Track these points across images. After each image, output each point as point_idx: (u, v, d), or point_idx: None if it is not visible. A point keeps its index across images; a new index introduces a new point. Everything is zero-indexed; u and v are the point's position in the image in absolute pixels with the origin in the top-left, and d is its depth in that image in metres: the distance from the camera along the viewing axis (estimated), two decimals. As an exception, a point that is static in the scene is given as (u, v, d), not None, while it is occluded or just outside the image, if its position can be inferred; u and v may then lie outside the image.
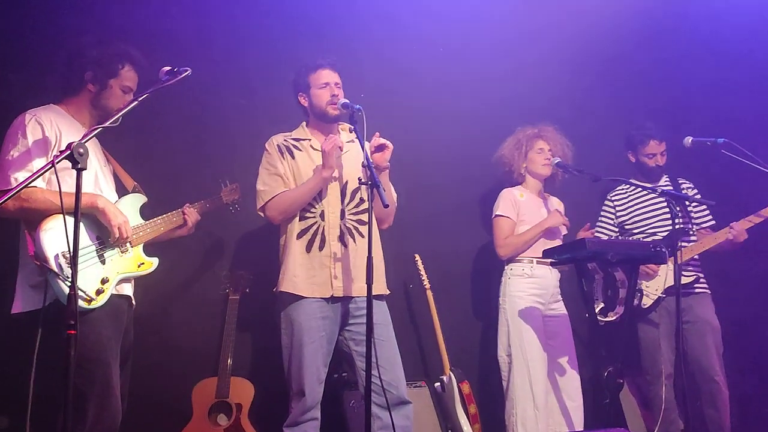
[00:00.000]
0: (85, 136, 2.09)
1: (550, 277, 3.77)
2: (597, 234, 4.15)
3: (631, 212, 4.08)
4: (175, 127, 3.59)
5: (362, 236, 3.15)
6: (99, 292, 2.51)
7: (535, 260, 3.74)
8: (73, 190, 2.09)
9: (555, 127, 3.94)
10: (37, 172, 1.99)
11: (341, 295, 3.07)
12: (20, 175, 2.46)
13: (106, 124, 2.20)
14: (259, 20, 3.89)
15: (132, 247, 2.72)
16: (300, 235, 3.11)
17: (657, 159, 4.07)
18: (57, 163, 1.94)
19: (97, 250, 2.58)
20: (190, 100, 3.53)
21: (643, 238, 3.95)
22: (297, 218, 3.13)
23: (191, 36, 3.66)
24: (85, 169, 2.02)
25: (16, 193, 1.95)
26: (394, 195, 3.30)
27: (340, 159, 3.15)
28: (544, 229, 3.75)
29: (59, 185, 2.03)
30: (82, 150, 1.99)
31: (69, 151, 1.97)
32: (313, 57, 3.27)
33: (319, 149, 3.19)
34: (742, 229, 3.75)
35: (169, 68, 2.47)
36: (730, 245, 3.80)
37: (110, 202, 2.66)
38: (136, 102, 2.29)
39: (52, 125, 2.57)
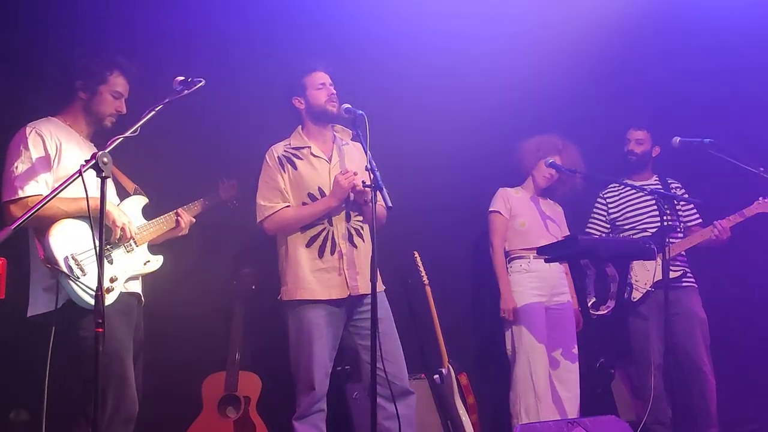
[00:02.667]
0: (107, 146, 2.20)
1: (549, 270, 3.88)
2: (589, 230, 4.27)
3: (623, 209, 4.19)
4: (173, 127, 3.54)
5: (366, 235, 3.26)
6: (108, 291, 2.61)
7: (531, 256, 3.87)
8: (78, 195, 2.20)
9: (578, 149, 4.05)
10: (64, 181, 2.10)
11: (355, 294, 3.16)
12: (26, 185, 2.56)
13: (127, 134, 2.30)
14: (259, 22, 3.92)
15: (137, 246, 2.82)
16: (310, 243, 3.18)
17: (632, 145, 4.19)
18: (84, 171, 2.06)
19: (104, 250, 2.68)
20: (189, 101, 3.56)
21: (634, 234, 4.06)
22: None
23: (193, 38, 3.70)
24: (109, 177, 2.14)
25: (44, 204, 2.06)
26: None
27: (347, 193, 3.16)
28: (503, 295, 3.85)
29: (86, 191, 2.13)
30: (106, 159, 2.10)
31: (94, 160, 2.08)
32: (305, 60, 3.32)
33: (320, 156, 3.27)
34: (725, 227, 3.86)
35: (182, 78, 2.54)
36: (715, 242, 3.91)
37: (114, 204, 2.76)
38: (153, 113, 2.38)
39: (52, 137, 2.66)
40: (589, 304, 3.74)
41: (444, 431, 3.85)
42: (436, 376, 3.93)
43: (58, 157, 2.65)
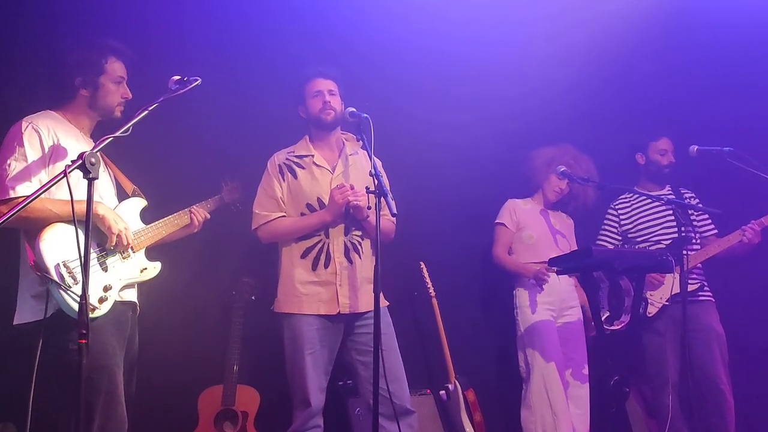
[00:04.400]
0: (96, 146, 2.09)
1: (558, 283, 3.80)
2: (600, 242, 4.17)
3: (635, 221, 4.09)
4: (174, 129, 3.55)
5: (365, 252, 3.18)
6: (102, 300, 2.49)
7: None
8: (75, 198, 2.07)
9: (592, 161, 3.98)
10: (48, 182, 2.00)
11: (347, 312, 3.10)
12: (18, 185, 2.43)
13: (117, 134, 2.20)
14: (262, 25, 3.89)
15: (134, 252, 2.69)
16: (305, 255, 3.13)
17: (669, 156, 4.08)
18: (69, 172, 1.95)
19: (98, 257, 2.55)
20: (189, 102, 3.50)
21: (647, 246, 3.96)
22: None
23: (194, 39, 3.67)
24: (97, 178, 2.02)
25: (26, 204, 1.95)
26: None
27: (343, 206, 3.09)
28: (526, 273, 3.78)
29: (71, 194, 2.02)
30: (93, 160, 2.00)
31: (81, 161, 1.97)
32: (306, 68, 3.31)
33: (324, 165, 3.24)
34: (756, 230, 3.72)
35: (178, 77, 2.47)
36: (742, 249, 3.79)
37: (110, 208, 2.64)
38: (146, 112, 2.29)
39: (50, 133, 2.54)
40: (603, 319, 3.62)
41: (450, 449, 3.77)
42: (443, 392, 3.85)
43: (55, 155, 2.52)
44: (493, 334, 4.13)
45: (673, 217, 3.92)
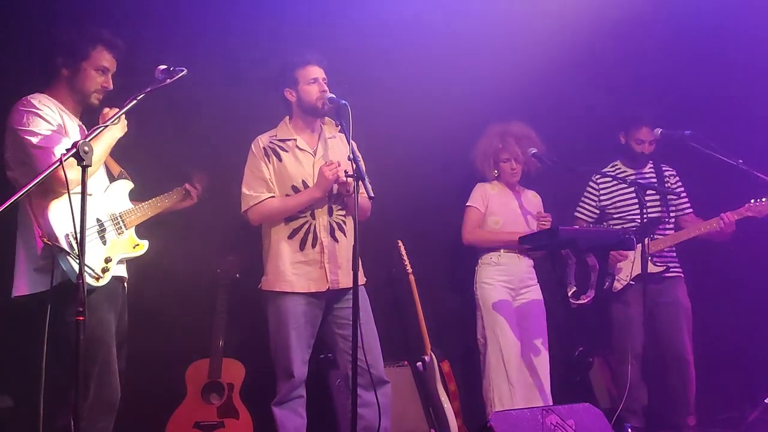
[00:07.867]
0: (88, 134, 2.22)
1: (518, 264, 3.95)
2: (577, 215, 4.27)
3: (614, 198, 4.16)
4: (159, 114, 3.55)
5: (348, 230, 3.29)
6: (104, 271, 2.63)
7: (502, 249, 3.95)
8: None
9: (519, 126, 4.01)
10: (45, 170, 2.11)
11: (336, 288, 3.21)
12: (58, 148, 2.48)
13: (107, 123, 2.32)
14: (248, 11, 3.92)
15: (126, 229, 2.83)
16: (292, 235, 3.22)
17: (644, 147, 4.09)
18: (65, 160, 2.07)
19: (99, 230, 2.68)
20: (175, 87, 3.51)
21: (622, 224, 4.03)
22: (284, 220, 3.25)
23: (180, 26, 3.71)
24: (90, 165, 2.14)
25: (31, 188, 2.05)
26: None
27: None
28: (512, 240, 3.88)
29: (66, 183, 2.14)
30: (87, 148, 2.11)
31: (75, 149, 2.10)
32: (299, 52, 3.32)
33: (306, 149, 3.30)
34: (731, 220, 3.76)
35: (164, 67, 2.52)
36: (718, 236, 3.86)
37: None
38: (134, 101, 2.36)
39: (54, 107, 2.65)
40: (570, 294, 3.79)
41: (426, 418, 3.91)
42: (419, 364, 3.96)
43: (64, 128, 2.62)
44: (467, 308, 4.21)
45: (656, 198, 3.99)
